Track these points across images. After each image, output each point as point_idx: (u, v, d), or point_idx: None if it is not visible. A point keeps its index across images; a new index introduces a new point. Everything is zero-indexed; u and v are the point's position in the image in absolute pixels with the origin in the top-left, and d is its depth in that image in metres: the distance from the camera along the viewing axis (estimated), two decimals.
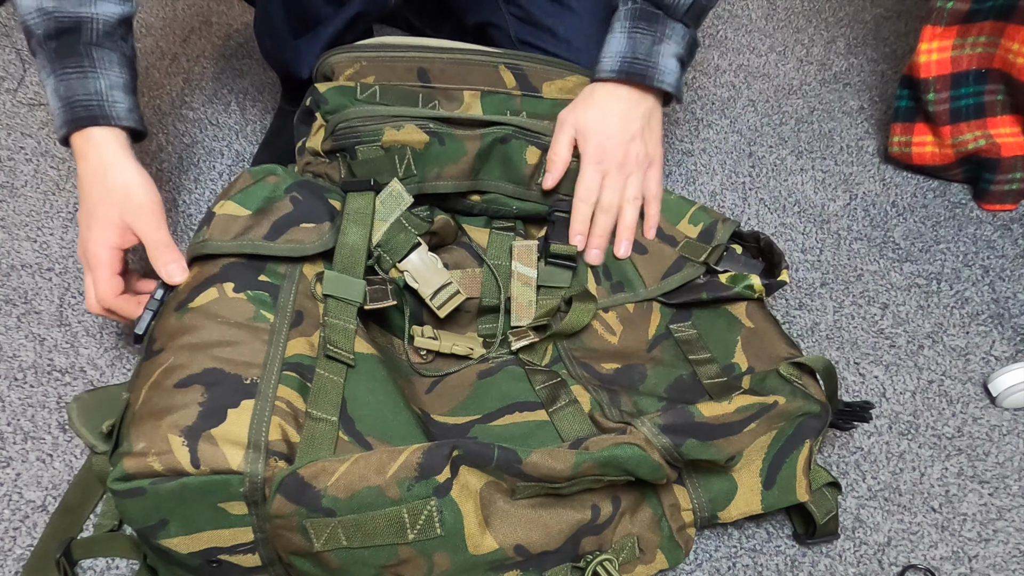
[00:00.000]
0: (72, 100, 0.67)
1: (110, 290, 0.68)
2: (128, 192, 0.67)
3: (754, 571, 0.69)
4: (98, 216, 0.67)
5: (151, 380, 0.56)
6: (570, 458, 0.55)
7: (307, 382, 0.58)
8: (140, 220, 0.67)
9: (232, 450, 0.51)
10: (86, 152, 0.67)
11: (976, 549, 0.70)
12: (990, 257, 0.90)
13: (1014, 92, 0.88)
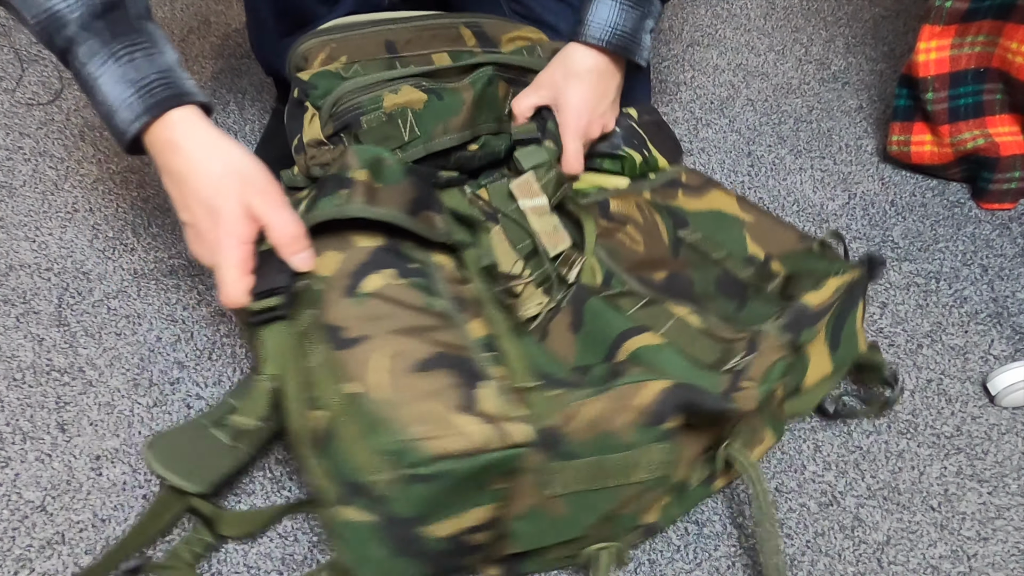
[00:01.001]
0: (146, 82, 0.57)
1: (245, 291, 0.59)
2: (244, 174, 0.59)
3: (754, 570, 0.69)
4: (221, 209, 0.58)
5: (384, 367, 0.54)
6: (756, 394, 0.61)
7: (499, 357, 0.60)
8: (265, 203, 0.59)
9: (511, 426, 0.53)
10: (175, 139, 0.58)
11: (975, 548, 0.70)
12: (989, 256, 0.90)
13: (1013, 91, 0.88)
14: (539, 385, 0.60)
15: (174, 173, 0.59)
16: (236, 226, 0.58)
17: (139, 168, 0.93)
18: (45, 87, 1.00)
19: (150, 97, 0.57)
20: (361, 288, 0.59)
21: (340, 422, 0.54)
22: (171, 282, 0.83)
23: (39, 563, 0.66)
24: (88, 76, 0.58)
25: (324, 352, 0.56)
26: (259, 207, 0.59)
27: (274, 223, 0.59)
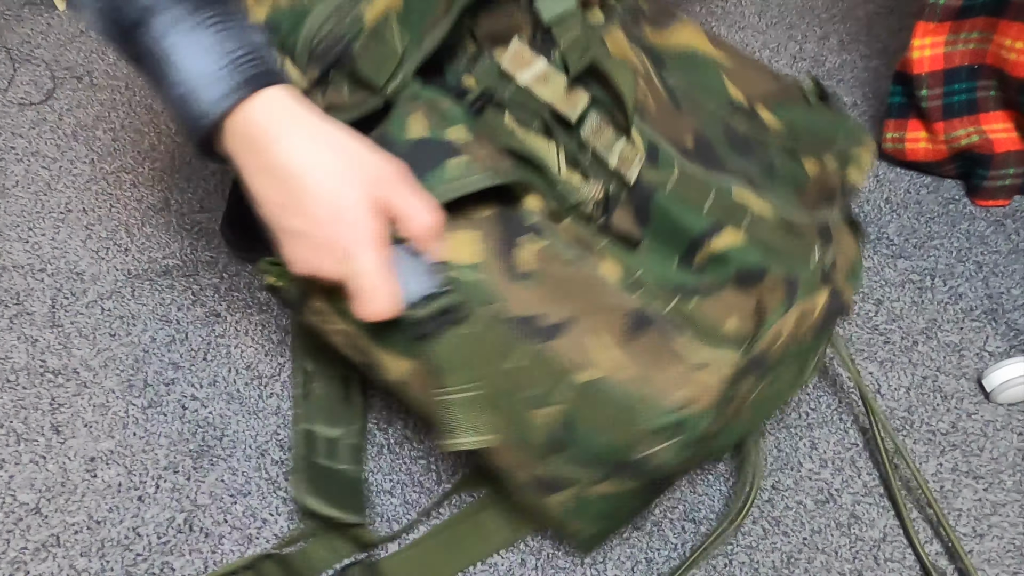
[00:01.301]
0: (239, 55, 0.47)
1: (394, 299, 0.50)
2: (364, 162, 0.49)
3: (750, 568, 0.69)
4: (348, 208, 0.48)
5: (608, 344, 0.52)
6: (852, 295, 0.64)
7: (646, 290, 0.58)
8: (396, 193, 0.50)
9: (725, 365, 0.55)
10: (272, 127, 0.48)
11: (971, 544, 0.71)
12: (983, 253, 0.90)
13: (1007, 88, 0.88)
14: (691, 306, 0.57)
15: (275, 170, 0.48)
16: (369, 225, 0.48)
17: (132, 168, 0.92)
18: (37, 87, 1.00)
19: (242, 72, 0.47)
20: (519, 266, 0.53)
21: (582, 412, 0.53)
22: (165, 283, 0.83)
23: (34, 566, 0.66)
24: (165, 50, 0.47)
25: (529, 349, 0.52)
26: (390, 198, 0.49)
27: (410, 214, 0.50)
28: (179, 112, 0.49)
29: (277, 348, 0.79)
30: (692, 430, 0.53)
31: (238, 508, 0.70)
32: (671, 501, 0.72)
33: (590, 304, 0.54)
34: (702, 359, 0.54)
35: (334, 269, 0.49)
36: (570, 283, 0.54)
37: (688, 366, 0.53)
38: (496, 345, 0.53)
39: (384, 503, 0.71)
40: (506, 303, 0.53)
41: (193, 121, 0.48)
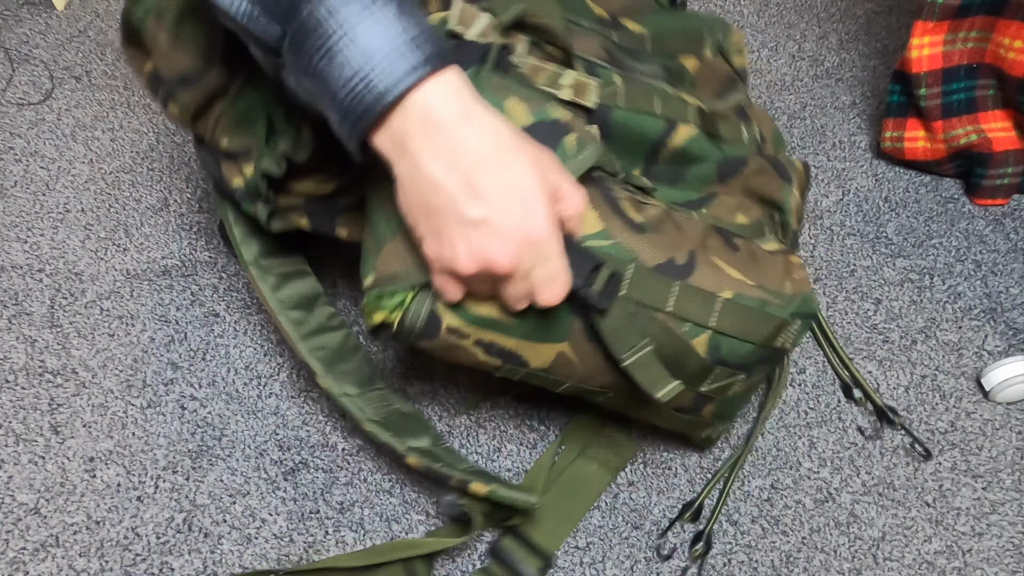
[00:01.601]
0: (419, 33, 0.45)
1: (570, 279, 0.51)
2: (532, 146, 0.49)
3: (749, 567, 0.69)
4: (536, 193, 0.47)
5: (728, 264, 0.60)
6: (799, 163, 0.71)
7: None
8: (560, 176, 0.50)
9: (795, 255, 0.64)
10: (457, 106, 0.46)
11: (970, 543, 0.71)
12: (982, 252, 0.90)
13: (1005, 87, 0.88)
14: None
15: (462, 151, 0.45)
16: (551, 211, 0.48)
17: (131, 168, 0.92)
18: (36, 87, 1.00)
19: (424, 50, 0.45)
20: (632, 218, 0.58)
21: (729, 328, 0.59)
22: (164, 282, 0.83)
23: (33, 566, 0.66)
24: (340, 25, 0.44)
25: (679, 287, 0.58)
26: (554, 183, 0.49)
27: (570, 195, 0.50)
28: (348, 95, 0.45)
29: (276, 348, 0.79)
30: (813, 305, 0.61)
31: (237, 508, 0.70)
32: (670, 501, 0.72)
33: (688, 236, 0.60)
34: (773, 248, 0.63)
35: (512, 258, 0.47)
36: (665, 222, 0.60)
37: (776, 259, 0.62)
38: (654, 295, 0.58)
39: (383, 502, 0.71)
40: (641, 256, 0.57)
41: (369, 102, 0.45)
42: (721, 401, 0.64)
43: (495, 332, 0.57)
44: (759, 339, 0.60)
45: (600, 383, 0.62)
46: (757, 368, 0.63)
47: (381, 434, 0.67)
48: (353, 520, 0.70)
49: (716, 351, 0.60)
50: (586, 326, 0.58)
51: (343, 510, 0.71)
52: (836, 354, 0.82)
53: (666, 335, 0.59)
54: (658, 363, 0.59)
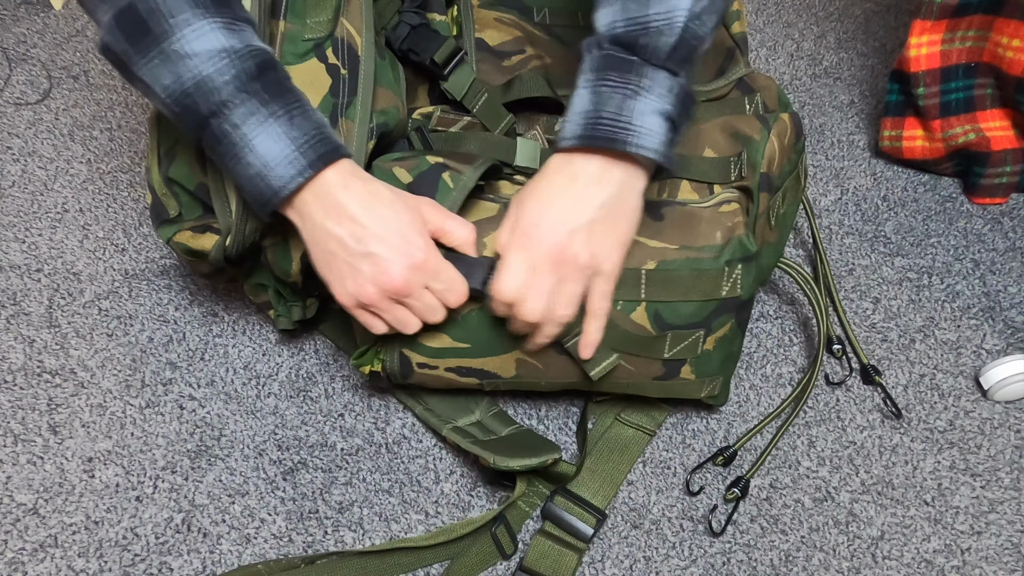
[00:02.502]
0: (307, 139, 0.57)
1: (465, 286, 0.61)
2: (408, 197, 0.60)
3: (748, 566, 0.69)
4: (412, 227, 0.58)
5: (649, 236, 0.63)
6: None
7: None
8: (438, 214, 0.61)
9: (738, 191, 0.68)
10: (341, 182, 0.58)
11: (969, 542, 0.71)
12: (980, 251, 0.90)
13: (1003, 85, 0.88)
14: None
15: (344, 208, 0.57)
16: (426, 238, 0.59)
17: (129, 168, 0.92)
18: (33, 87, 0.99)
19: (312, 152, 0.56)
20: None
21: (662, 294, 0.63)
22: (162, 282, 0.83)
23: (32, 566, 0.66)
24: (241, 137, 0.56)
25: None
26: (432, 222, 0.60)
27: (451, 229, 0.60)
28: (252, 186, 0.57)
29: (274, 348, 0.79)
30: (748, 247, 0.63)
31: (236, 508, 0.70)
32: (669, 500, 0.72)
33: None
34: (711, 203, 0.65)
35: (400, 277, 0.58)
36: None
37: (709, 214, 0.64)
38: None
39: (382, 502, 0.71)
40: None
41: (268, 194, 0.57)
42: (696, 360, 0.66)
43: (456, 357, 0.66)
44: (699, 295, 0.63)
45: (569, 374, 0.67)
46: (715, 321, 0.64)
47: (430, 419, 0.74)
48: (352, 520, 0.70)
49: (659, 319, 0.63)
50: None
51: (342, 510, 0.71)
52: (832, 302, 0.84)
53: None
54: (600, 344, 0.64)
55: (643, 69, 0.56)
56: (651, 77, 0.56)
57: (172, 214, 0.69)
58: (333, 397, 0.77)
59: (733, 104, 0.74)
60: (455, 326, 0.64)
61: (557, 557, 0.67)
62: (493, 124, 0.72)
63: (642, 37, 0.56)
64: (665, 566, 0.69)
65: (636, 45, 0.56)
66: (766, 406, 0.78)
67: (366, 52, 0.67)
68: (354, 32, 0.67)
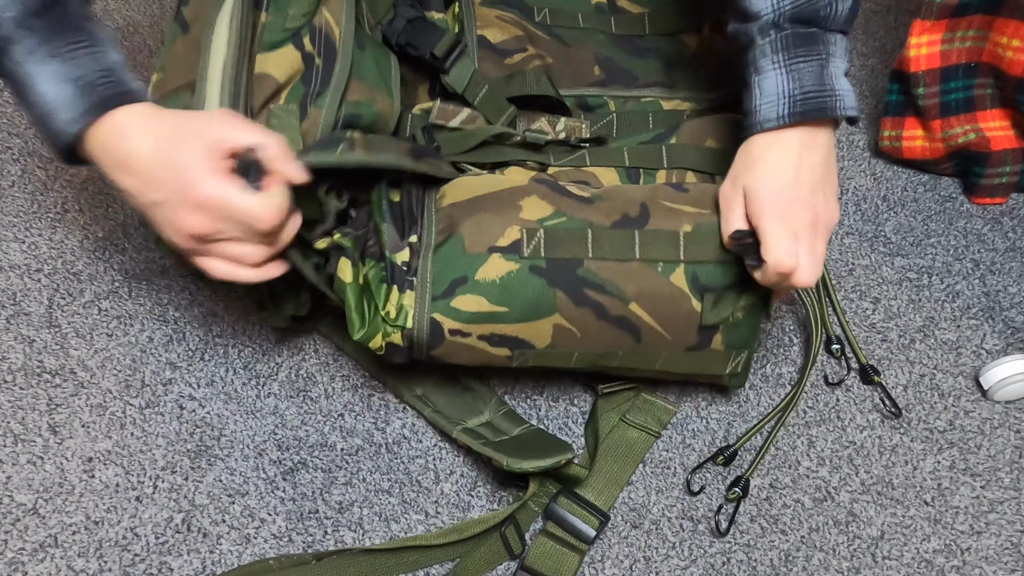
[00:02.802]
0: (88, 80, 0.55)
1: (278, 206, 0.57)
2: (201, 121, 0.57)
3: (748, 566, 0.69)
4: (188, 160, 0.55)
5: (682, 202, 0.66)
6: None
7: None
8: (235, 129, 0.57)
9: None
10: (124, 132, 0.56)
11: (969, 542, 0.71)
12: (980, 251, 0.90)
13: (1003, 85, 0.88)
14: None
15: (123, 160, 0.56)
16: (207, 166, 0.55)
17: None
18: None
19: (94, 95, 0.55)
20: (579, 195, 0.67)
21: (700, 255, 0.65)
22: (162, 282, 0.83)
23: (32, 566, 0.66)
24: (24, 76, 0.55)
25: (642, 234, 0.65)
26: (223, 138, 0.56)
27: (258, 142, 0.57)
28: (40, 129, 0.57)
29: (274, 348, 0.79)
30: None
31: (236, 508, 0.70)
32: (669, 500, 0.72)
33: (636, 194, 0.66)
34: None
35: (198, 222, 0.56)
36: (611, 192, 0.67)
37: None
38: (620, 248, 0.63)
39: (382, 502, 0.71)
40: (596, 220, 0.64)
41: (52, 138, 0.56)
42: (728, 329, 0.66)
43: (491, 323, 0.63)
44: (732, 257, 0.64)
45: (604, 343, 0.66)
46: (744, 287, 0.65)
47: (438, 420, 0.73)
48: (352, 520, 0.70)
49: (696, 281, 0.64)
50: (572, 290, 0.63)
51: (342, 510, 0.71)
52: (831, 301, 0.84)
53: (646, 276, 0.64)
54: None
55: (825, 36, 0.61)
56: (833, 42, 0.62)
57: None
58: (333, 397, 0.77)
59: (730, 117, 0.75)
60: (494, 288, 0.62)
61: (559, 558, 0.67)
62: (495, 116, 0.72)
63: (823, 9, 0.60)
64: (665, 566, 0.69)
65: (817, 17, 0.60)
66: (766, 406, 0.78)
67: (344, 44, 0.67)
68: (333, 23, 0.67)
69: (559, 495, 0.70)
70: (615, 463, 0.73)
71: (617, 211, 0.64)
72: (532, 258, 0.62)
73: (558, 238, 0.63)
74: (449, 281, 0.63)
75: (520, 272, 0.62)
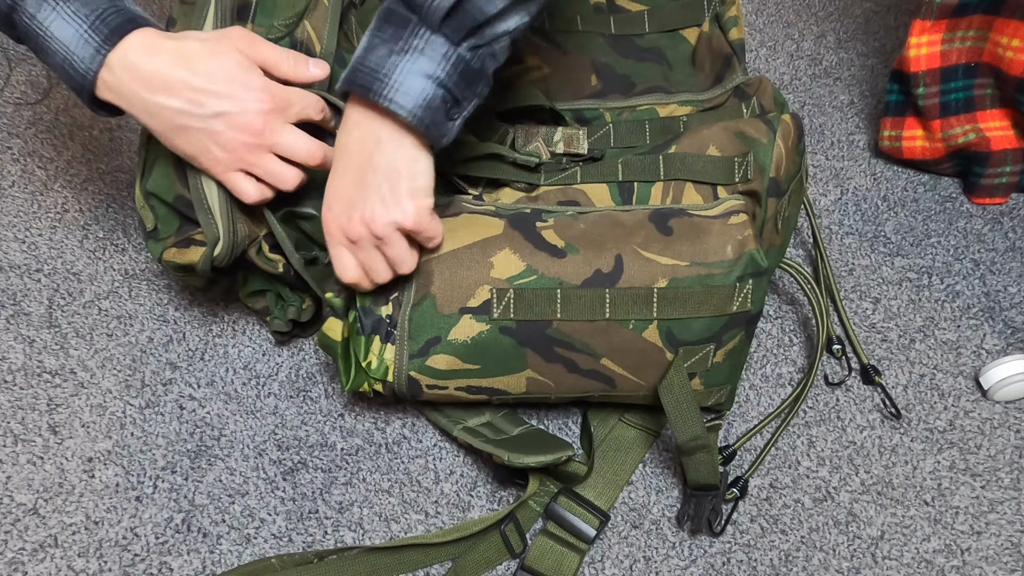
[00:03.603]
0: (100, 14, 0.57)
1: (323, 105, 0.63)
2: (223, 33, 0.60)
3: (748, 566, 0.69)
4: (239, 67, 0.59)
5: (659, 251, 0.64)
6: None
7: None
8: (257, 44, 0.60)
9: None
10: (144, 52, 0.57)
11: (969, 542, 0.71)
12: (980, 251, 0.90)
13: (1003, 85, 0.88)
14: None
15: (168, 76, 0.57)
16: (259, 71, 0.60)
17: (129, 168, 0.92)
18: (33, 87, 0.99)
19: (105, 27, 0.57)
20: (554, 245, 0.65)
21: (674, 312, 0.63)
22: (162, 282, 0.83)
23: (32, 566, 0.66)
24: (39, 26, 0.57)
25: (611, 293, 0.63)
26: (255, 50, 0.60)
27: (269, 56, 0.61)
28: (65, 76, 0.58)
29: (274, 348, 0.79)
30: (760, 263, 0.63)
31: (236, 508, 0.70)
32: (670, 500, 0.72)
33: (618, 236, 0.63)
34: (718, 211, 0.65)
35: (264, 118, 0.59)
36: (592, 232, 0.64)
37: (718, 227, 0.63)
38: (589, 308, 0.62)
39: (382, 502, 0.71)
40: (566, 278, 0.62)
41: (79, 80, 0.58)
42: (706, 373, 0.66)
43: (465, 378, 0.65)
44: (709, 312, 0.63)
45: (579, 390, 0.67)
46: (726, 335, 0.64)
47: (439, 420, 0.73)
48: (352, 520, 0.70)
49: (671, 336, 0.63)
50: (542, 349, 0.64)
51: (342, 510, 0.71)
52: (832, 301, 0.84)
53: (614, 332, 0.63)
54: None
55: (418, 29, 0.55)
56: (425, 39, 0.55)
57: (148, 227, 0.69)
58: (333, 397, 0.77)
59: (731, 112, 0.75)
60: (465, 348, 0.63)
61: (559, 557, 0.67)
62: (486, 132, 0.71)
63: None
64: (665, 566, 0.69)
65: (414, 4, 0.55)
66: (766, 406, 0.78)
67: (323, 58, 0.67)
68: (314, 37, 0.67)
69: (560, 495, 0.70)
70: (615, 463, 0.73)
71: (589, 266, 0.63)
72: (501, 320, 0.63)
73: (527, 300, 0.62)
74: (424, 340, 0.64)
75: (491, 332, 0.63)
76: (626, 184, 0.69)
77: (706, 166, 0.68)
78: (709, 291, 0.62)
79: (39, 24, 0.57)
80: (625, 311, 0.62)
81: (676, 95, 0.77)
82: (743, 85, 0.76)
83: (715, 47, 0.80)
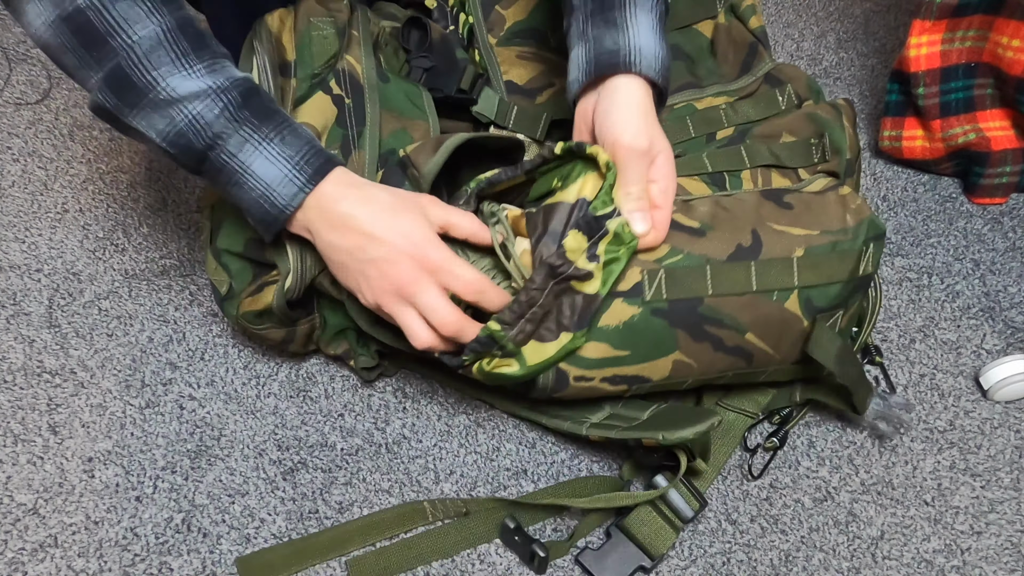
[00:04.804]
0: (301, 155, 0.60)
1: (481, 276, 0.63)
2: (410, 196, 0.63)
3: (748, 566, 0.69)
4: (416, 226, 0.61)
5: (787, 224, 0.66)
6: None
7: None
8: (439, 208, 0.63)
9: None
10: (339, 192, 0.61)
11: (969, 542, 0.71)
12: (980, 251, 0.90)
13: (1003, 85, 0.88)
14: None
15: (350, 220, 0.60)
16: (433, 236, 0.61)
17: (129, 168, 0.92)
18: (33, 87, 1.00)
19: (308, 167, 0.60)
20: (689, 226, 0.65)
21: (811, 279, 0.65)
22: (162, 282, 0.83)
23: (32, 566, 0.66)
24: (239, 165, 0.60)
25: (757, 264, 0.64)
26: (435, 215, 0.62)
27: (456, 222, 0.63)
28: (257, 208, 0.61)
29: (274, 348, 0.79)
30: (880, 226, 0.66)
31: (236, 508, 0.70)
32: None
33: (746, 212, 0.65)
34: (819, 187, 0.68)
35: (407, 272, 0.60)
36: (719, 212, 0.66)
37: (828, 198, 0.66)
38: (737, 282, 0.63)
39: (382, 502, 0.71)
40: (713, 254, 0.64)
41: (274, 213, 0.61)
42: (842, 347, 0.67)
43: (614, 366, 0.65)
44: (843, 277, 0.65)
45: (717, 370, 0.67)
46: (852, 300, 0.67)
47: (562, 424, 0.71)
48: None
49: (809, 304, 0.65)
50: (692, 329, 0.64)
51: (342, 510, 0.71)
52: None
53: (763, 303, 0.64)
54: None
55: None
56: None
57: (223, 291, 0.70)
58: (333, 397, 0.77)
59: (766, 100, 0.75)
60: (617, 334, 0.63)
61: (658, 529, 0.67)
62: (532, 130, 0.76)
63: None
64: (665, 566, 0.69)
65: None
66: None
67: (367, 78, 0.71)
68: (354, 62, 0.71)
69: (664, 471, 0.69)
70: (714, 447, 0.72)
71: (731, 242, 0.64)
72: (654, 301, 0.63)
73: (678, 278, 0.63)
74: None
75: (642, 315, 0.63)
76: (717, 175, 0.71)
77: (785, 151, 0.71)
78: (842, 256, 0.64)
79: (240, 163, 0.60)
80: (770, 281, 0.64)
81: (708, 88, 0.78)
82: (773, 71, 0.77)
83: (735, 37, 0.80)
